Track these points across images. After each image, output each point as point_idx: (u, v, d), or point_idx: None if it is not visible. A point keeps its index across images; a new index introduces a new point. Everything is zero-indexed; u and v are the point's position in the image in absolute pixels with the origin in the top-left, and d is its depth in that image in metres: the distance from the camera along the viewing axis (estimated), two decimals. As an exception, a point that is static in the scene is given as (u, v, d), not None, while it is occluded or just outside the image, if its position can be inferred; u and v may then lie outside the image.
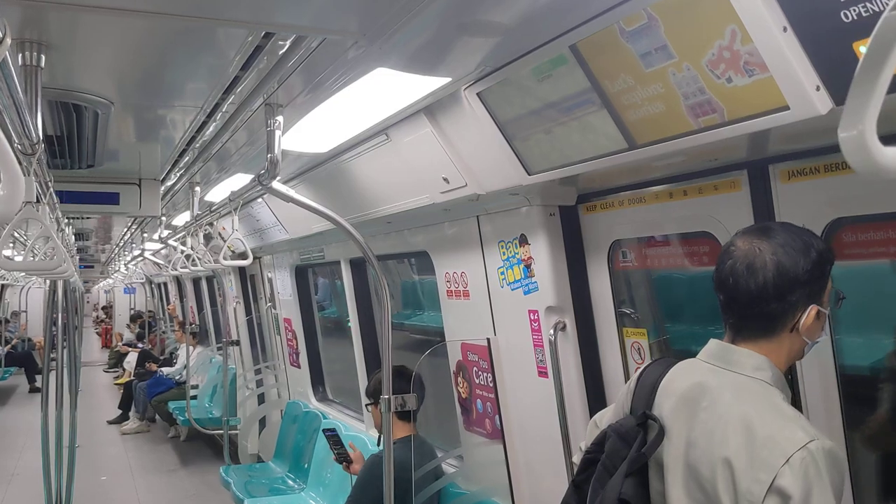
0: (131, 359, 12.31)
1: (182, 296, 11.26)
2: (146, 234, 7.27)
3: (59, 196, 3.58)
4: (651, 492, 1.55)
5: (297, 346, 5.94)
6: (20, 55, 1.78)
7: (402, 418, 3.32)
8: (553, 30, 1.73)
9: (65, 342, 6.21)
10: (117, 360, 14.54)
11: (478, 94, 2.16)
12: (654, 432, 1.54)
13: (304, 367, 5.86)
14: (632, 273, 2.54)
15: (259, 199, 4.67)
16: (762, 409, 1.41)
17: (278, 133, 2.32)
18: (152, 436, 9.45)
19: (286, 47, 1.82)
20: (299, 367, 5.95)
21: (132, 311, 18.00)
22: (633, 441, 1.55)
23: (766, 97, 1.41)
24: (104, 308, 23.23)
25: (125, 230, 7.94)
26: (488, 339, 2.96)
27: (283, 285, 6.06)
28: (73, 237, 7.21)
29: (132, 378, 10.86)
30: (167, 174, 3.97)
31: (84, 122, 2.60)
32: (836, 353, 1.79)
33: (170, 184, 4.24)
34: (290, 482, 5.37)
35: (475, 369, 3.12)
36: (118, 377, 13.42)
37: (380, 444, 3.27)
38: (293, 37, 1.77)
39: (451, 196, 2.67)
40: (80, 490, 6.30)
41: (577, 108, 1.89)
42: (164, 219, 5.65)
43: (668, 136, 1.71)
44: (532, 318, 2.68)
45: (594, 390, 2.61)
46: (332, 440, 3.76)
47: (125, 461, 8.24)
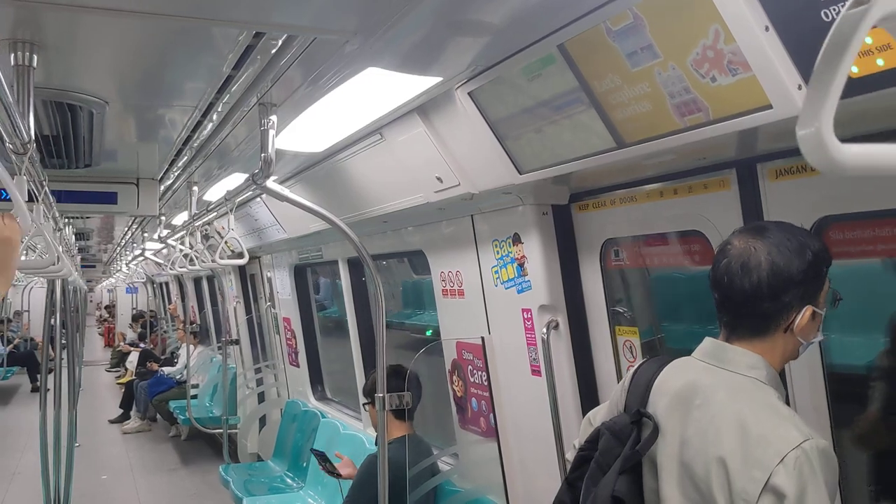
0: (133, 358, 12.31)
1: (183, 295, 11.27)
2: (146, 234, 7.28)
3: (57, 195, 3.60)
4: (644, 490, 1.54)
5: (296, 345, 5.95)
6: (12, 55, 1.79)
7: (398, 417, 3.32)
8: (541, 29, 1.74)
9: (63, 342, 6.23)
10: (119, 360, 14.55)
11: (469, 93, 2.17)
12: (649, 430, 1.54)
13: (302, 367, 5.88)
14: (624, 272, 2.55)
15: (258, 199, 4.68)
16: (756, 408, 1.40)
17: (272, 132, 2.33)
18: (153, 435, 9.47)
19: (278, 46, 1.83)
20: (298, 366, 5.96)
21: (134, 311, 18.02)
22: (627, 439, 1.55)
23: (749, 96, 1.42)
24: (107, 307, 23.24)
25: (126, 230, 7.96)
26: (482, 338, 2.97)
27: (282, 285, 6.06)
28: (74, 237, 7.23)
29: (134, 377, 10.89)
30: (165, 174, 3.99)
31: (79, 122, 2.61)
32: (823, 351, 1.80)
33: (168, 183, 4.26)
34: (288, 481, 5.37)
35: (470, 368, 3.12)
36: (120, 377, 13.43)
37: (377, 444, 3.28)
38: (284, 36, 1.78)
39: (444, 195, 2.68)
40: (81, 489, 6.32)
41: (566, 108, 1.90)
42: (163, 218, 5.67)
43: (655, 135, 1.71)
44: (525, 316, 2.69)
45: (587, 388, 2.62)
46: (320, 458, 3.74)
47: (126, 460, 8.25)
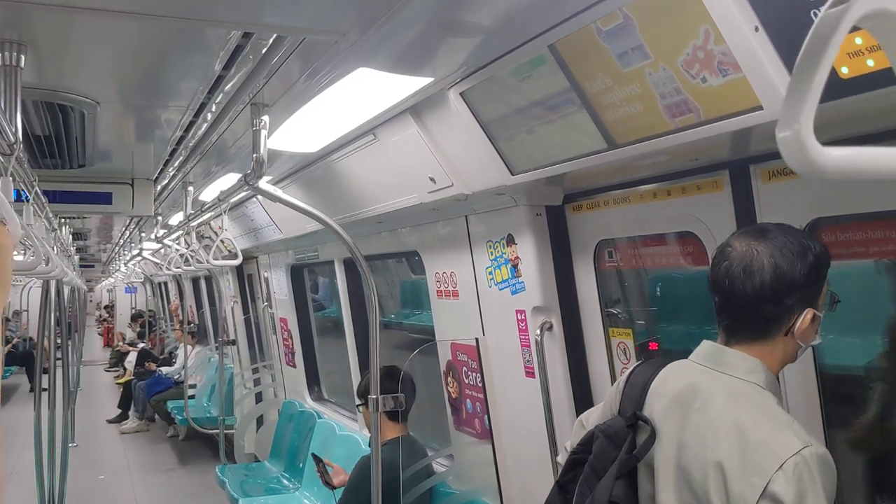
0: (132, 358, 12.31)
1: (181, 295, 11.27)
2: (144, 234, 7.28)
3: (51, 196, 3.59)
4: (640, 494, 1.52)
5: (292, 345, 5.94)
6: (-1, 55, 1.79)
7: (392, 419, 3.31)
8: (531, 30, 1.73)
9: (59, 341, 6.21)
10: (118, 360, 14.54)
11: (461, 94, 2.16)
12: (645, 434, 1.51)
13: (299, 367, 5.87)
14: (618, 273, 2.53)
15: (254, 199, 4.67)
16: (755, 413, 1.38)
17: (264, 132, 2.32)
18: (151, 435, 9.45)
19: (268, 45, 1.82)
20: (295, 366, 5.95)
21: (133, 311, 18.01)
22: (622, 442, 1.53)
23: (739, 97, 1.41)
24: (106, 307, 23.23)
25: (124, 229, 7.96)
26: (477, 340, 2.96)
27: (278, 285, 6.05)
28: (71, 237, 7.22)
29: (132, 377, 10.88)
30: (161, 174, 3.98)
31: (70, 122, 2.60)
32: (815, 353, 1.79)
33: (164, 183, 4.25)
34: (285, 482, 5.36)
35: (464, 369, 3.11)
36: (119, 376, 13.42)
37: (371, 445, 3.26)
38: (274, 36, 1.77)
39: (438, 196, 2.67)
40: (79, 489, 6.31)
41: (557, 109, 1.89)
42: (159, 218, 5.66)
43: (646, 136, 1.70)
44: (519, 318, 2.68)
45: (580, 390, 2.60)
46: (318, 464, 3.71)
47: (124, 460, 8.24)
